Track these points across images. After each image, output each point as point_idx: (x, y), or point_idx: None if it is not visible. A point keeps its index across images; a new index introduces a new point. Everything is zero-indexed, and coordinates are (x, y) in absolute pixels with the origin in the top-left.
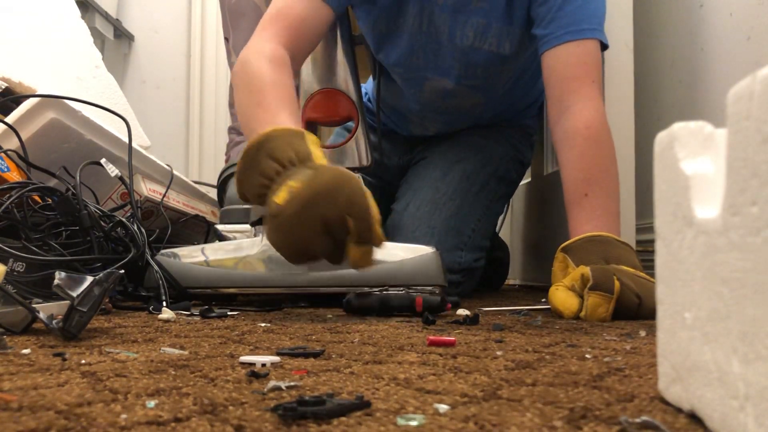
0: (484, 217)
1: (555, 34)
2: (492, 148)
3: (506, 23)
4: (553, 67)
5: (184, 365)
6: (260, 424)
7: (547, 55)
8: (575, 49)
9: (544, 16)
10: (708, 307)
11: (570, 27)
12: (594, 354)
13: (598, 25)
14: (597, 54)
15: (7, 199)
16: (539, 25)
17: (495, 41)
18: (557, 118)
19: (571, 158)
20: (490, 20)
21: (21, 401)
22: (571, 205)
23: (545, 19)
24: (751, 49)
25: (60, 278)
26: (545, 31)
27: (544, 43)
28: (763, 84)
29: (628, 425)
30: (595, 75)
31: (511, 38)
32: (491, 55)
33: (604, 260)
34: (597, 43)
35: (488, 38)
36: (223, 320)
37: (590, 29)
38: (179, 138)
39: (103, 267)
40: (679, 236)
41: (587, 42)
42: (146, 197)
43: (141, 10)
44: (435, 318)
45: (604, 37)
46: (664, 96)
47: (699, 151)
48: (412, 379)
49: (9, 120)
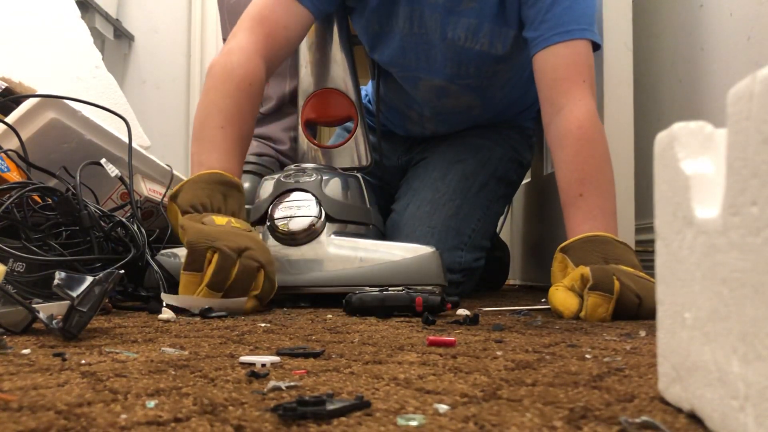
0: (484, 217)
1: (544, 36)
2: (491, 148)
3: (498, 24)
4: (543, 69)
5: (184, 365)
6: (260, 424)
7: (537, 58)
8: (564, 50)
9: (534, 18)
10: (708, 307)
11: (559, 28)
12: (594, 354)
13: (588, 25)
14: (587, 54)
15: (7, 199)
16: (530, 28)
17: (486, 41)
18: (550, 120)
19: (564, 159)
20: (481, 20)
21: (21, 401)
22: (567, 206)
23: (535, 21)
24: (751, 49)
25: (60, 278)
26: (535, 33)
27: (534, 45)
28: (763, 84)
29: (628, 425)
30: (586, 75)
31: (504, 39)
32: (483, 55)
33: (604, 260)
34: (587, 43)
35: (479, 38)
36: (223, 320)
37: (579, 29)
38: (179, 138)
39: (103, 267)
40: (679, 236)
41: (576, 42)
42: (146, 197)
43: (141, 10)
44: (435, 318)
45: (596, 36)
46: (664, 96)
47: (699, 151)
48: (412, 379)
49: (9, 120)
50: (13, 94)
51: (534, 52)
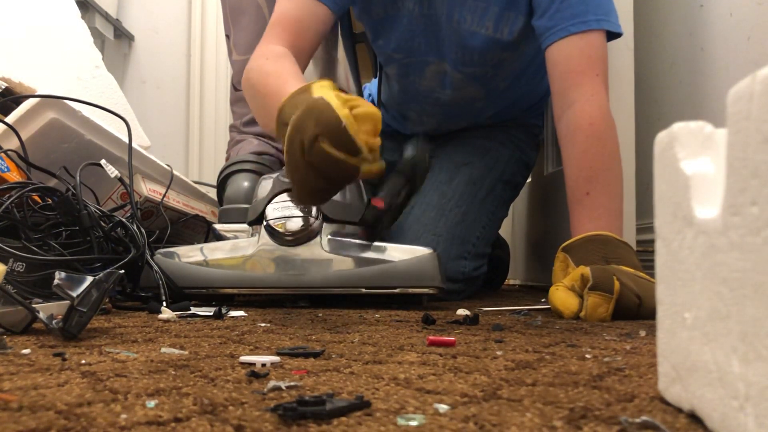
0: (489, 224)
1: (559, 26)
2: (497, 150)
3: (506, 8)
4: (556, 60)
5: (184, 365)
6: (260, 424)
7: (550, 49)
8: (579, 42)
9: (546, 7)
10: (708, 307)
11: (574, 19)
12: (594, 354)
13: (604, 15)
14: (602, 46)
15: (7, 199)
16: (542, 16)
17: (492, 25)
18: (561, 114)
19: (573, 156)
20: (488, 4)
21: (21, 401)
22: (573, 204)
23: (549, 9)
24: (751, 49)
25: (60, 278)
26: (549, 22)
27: (547, 36)
28: (763, 84)
29: (628, 425)
30: (599, 68)
31: (511, 24)
32: (488, 40)
33: (604, 260)
34: (602, 34)
35: (485, 22)
36: (223, 320)
37: (595, 20)
38: (179, 138)
39: (103, 267)
40: (679, 236)
41: (591, 34)
42: (146, 197)
43: (141, 10)
44: (435, 318)
45: (613, 26)
46: (664, 96)
47: (699, 151)
48: (412, 379)
49: (9, 120)
50: (13, 94)
51: (547, 43)
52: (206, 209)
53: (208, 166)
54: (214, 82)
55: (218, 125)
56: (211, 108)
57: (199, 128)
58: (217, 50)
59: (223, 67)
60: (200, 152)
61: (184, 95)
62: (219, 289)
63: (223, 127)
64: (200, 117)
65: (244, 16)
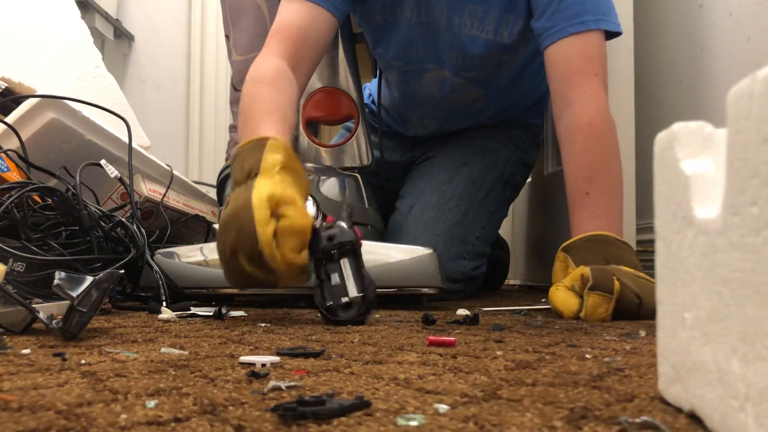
0: (489, 224)
1: (557, 27)
2: (497, 150)
3: (506, 11)
4: (555, 61)
5: (184, 365)
6: (260, 424)
7: (549, 50)
8: (577, 42)
9: (545, 8)
10: (708, 307)
11: (572, 19)
12: (594, 354)
13: (603, 14)
14: (600, 46)
15: (7, 199)
16: (540, 17)
17: (492, 29)
18: (560, 114)
19: (573, 156)
20: (488, 8)
21: (21, 401)
22: (573, 204)
23: (547, 10)
24: (751, 49)
25: (60, 278)
26: (547, 23)
27: (546, 37)
28: (763, 84)
29: (628, 425)
30: (598, 68)
31: (511, 27)
32: (489, 44)
33: (604, 260)
34: (601, 34)
35: (485, 26)
36: (223, 320)
37: (594, 20)
38: (179, 138)
39: (103, 267)
40: (679, 236)
41: (590, 34)
42: (146, 197)
43: (141, 10)
44: (435, 318)
45: (612, 25)
46: (664, 96)
47: (699, 151)
48: (412, 379)
49: (9, 120)
50: (13, 94)
51: (546, 44)
52: (206, 209)
53: (208, 166)
54: (214, 82)
55: (218, 125)
56: (211, 108)
57: (199, 128)
58: (217, 50)
59: (223, 67)
60: (200, 152)
61: (184, 95)
62: (219, 289)
63: (223, 127)
64: (200, 117)
65: (244, 17)
